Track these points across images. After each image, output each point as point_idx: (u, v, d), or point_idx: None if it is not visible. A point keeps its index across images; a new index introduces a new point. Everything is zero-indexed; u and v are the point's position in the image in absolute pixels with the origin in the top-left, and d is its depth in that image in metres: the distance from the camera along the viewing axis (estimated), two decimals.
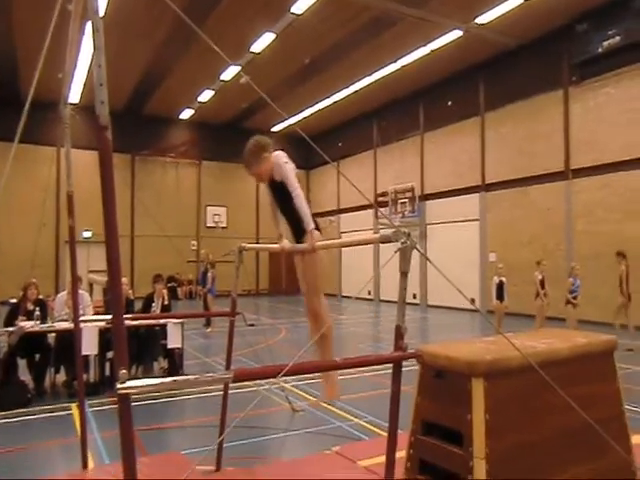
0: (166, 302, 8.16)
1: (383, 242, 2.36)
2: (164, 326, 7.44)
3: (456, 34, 14.68)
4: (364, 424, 5.53)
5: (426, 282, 18.78)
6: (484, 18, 13.73)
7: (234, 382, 1.89)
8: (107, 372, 7.03)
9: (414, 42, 15.30)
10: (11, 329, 6.45)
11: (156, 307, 7.96)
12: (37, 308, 6.73)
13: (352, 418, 5.74)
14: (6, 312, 6.87)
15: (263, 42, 15.17)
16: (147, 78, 18.29)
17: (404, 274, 2.33)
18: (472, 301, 15.05)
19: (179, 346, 7.54)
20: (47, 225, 19.87)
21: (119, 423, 1.69)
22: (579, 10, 13.69)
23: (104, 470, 4.19)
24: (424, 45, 15.44)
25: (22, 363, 6.73)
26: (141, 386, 1.70)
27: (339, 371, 3.72)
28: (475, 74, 17.34)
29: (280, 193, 3.29)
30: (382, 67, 17.16)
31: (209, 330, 12.52)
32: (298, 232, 3.30)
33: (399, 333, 2.39)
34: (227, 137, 24.17)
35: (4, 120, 19.48)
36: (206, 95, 19.95)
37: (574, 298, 10.22)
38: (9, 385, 6.28)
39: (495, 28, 14.24)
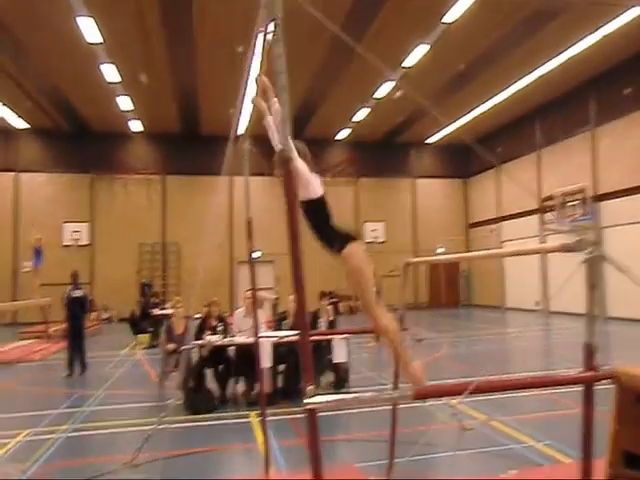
0: (331, 318, 8.44)
1: (566, 252, 2.17)
2: (329, 341, 7.70)
3: (635, 12, 12.97)
4: (542, 448, 5.10)
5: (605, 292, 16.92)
6: None
7: (414, 399, 1.89)
8: (279, 384, 7.48)
9: (581, 31, 14.01)
10: (200, 342, 7.23)
11: (323, 323, 8.27)
12: (220, 324, 7.45)
13: (527, 440, 5.33)
14: (195, 327, 7.71)
15: (416, 55, 15.18)
16: (304, 105, 19.30)
17: (592, 287, 2.13)
18: None
19: (345, 360, 7.74)
20: (222, 247, 21.97)
21: (308, 435, 1.79)
22: None
23: (284, 476, 4.44)
24: (593, 32, 14.02)
25: (208, 373, 7.45)
26: (326, 402, 1.78)
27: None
28: None
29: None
30: (544, 63, 16.03)
31: (372, 344, 12.65)
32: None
33: (589, 351, 2.18)
34: (382, 153, 24.53)
35: (186, 155, 22.51)
36: (361, 114, 20.44)
37: None
38: (200, 392, 7.01)
39: None
